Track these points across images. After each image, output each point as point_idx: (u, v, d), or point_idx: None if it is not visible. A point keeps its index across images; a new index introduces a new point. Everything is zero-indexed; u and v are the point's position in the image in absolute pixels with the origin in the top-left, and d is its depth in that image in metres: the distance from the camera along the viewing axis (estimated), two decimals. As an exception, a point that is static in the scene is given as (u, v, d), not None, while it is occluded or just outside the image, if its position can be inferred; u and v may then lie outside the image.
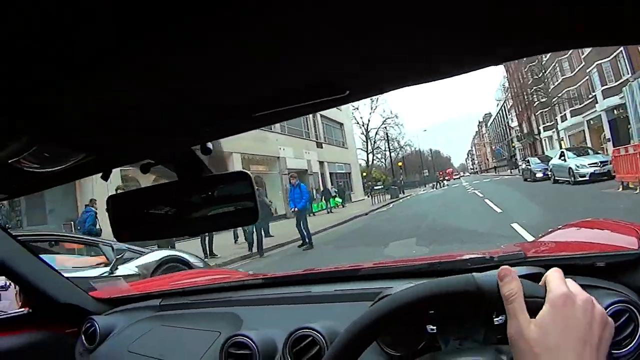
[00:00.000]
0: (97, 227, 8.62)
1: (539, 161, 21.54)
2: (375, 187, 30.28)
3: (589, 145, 24.38)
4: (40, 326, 1.47)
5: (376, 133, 53.10)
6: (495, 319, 0.75)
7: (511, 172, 40.47)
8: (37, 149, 0.52)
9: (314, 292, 1.22)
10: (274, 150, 23.35)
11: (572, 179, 14.54)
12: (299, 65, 0.46)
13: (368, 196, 31.09)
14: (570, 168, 14.86)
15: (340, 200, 26.41)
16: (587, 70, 27.92)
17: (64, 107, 0.48)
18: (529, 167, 21.70)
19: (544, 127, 40.24)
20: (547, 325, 0.52)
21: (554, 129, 36.06)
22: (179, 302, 1.46)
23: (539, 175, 19.38)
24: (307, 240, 10.35)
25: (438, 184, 43.15)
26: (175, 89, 0.48)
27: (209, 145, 0.70)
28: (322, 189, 27.22)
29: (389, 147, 47.03)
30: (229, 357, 1.10)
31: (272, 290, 1.33)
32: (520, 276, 0.60)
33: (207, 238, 10.36)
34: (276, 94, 0.52)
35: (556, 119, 35.02)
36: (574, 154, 16.01)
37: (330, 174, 30.98)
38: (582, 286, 0.62)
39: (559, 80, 33.60)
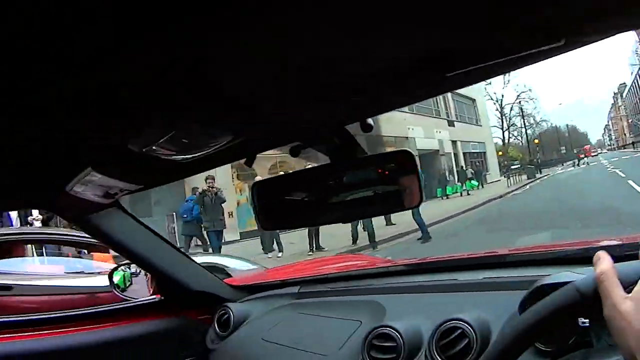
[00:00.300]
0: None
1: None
2: (512, 167, 28.76)
3: None
4: (172, 313, 1.49)
5: (511, 109, 50.10)
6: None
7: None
8: (174, 135, 0.50)
9: (460, 279, 1.15)
10: (402, 130, 22.05)
11: None
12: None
13: (504, 177, 29.80)
14: None
15: (476, 183, 24.92)
16: None
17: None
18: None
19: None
20: None
21: None
22: (317, 289, 1.44)
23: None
24: (423, 231, 9.18)
25: (578, 162, 39.58)
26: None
27: (370, 121, 0.65)
28: (456, 169, 26.67)
29: (524, 123, 44.37)
30: (371, 348, 1.05)
31: (415, 277, 1.28)
32: None
33: (313, 230, 8.97)
34: (475, 45, 0.45)
35: None
36: None
37: (464, 153, 29.65)
38: None
39: None
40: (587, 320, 0.74)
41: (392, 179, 0.72)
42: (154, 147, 0.54)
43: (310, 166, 0.76)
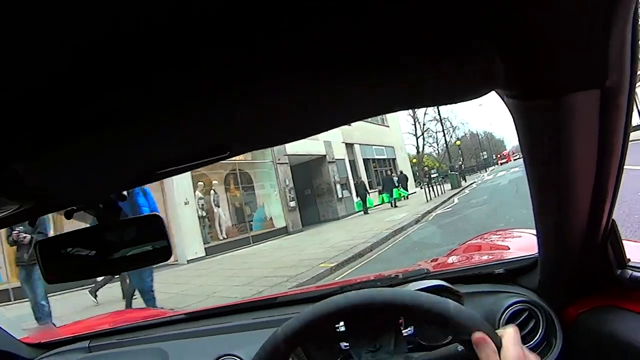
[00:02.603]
0: None
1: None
2: (432, 176, 21.69)
3: None
4: None
5: (425, 113, 44.21)
6: (403, 330, 0.86)
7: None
8: None
9: (233, 322, 1.30)
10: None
11: None
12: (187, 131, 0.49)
13: (420, 187, 23.70)
14: None
15: (405, 191, 21.08)
16: None
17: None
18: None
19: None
20: None
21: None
22: (107, 342, 1.50)
23: None
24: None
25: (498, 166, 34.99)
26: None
27: (125, 192, 0.81)
28: (354, 182, 19.84)
29: (442, 126, 38.11)
30: None
31: (195, 324, 1.39)
32: (423, 289, 0.81)
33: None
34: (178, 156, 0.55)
35: None
36: None
37: (365, 160, 22.53)
38: (484, 292, 1.01)
39: None
40: (347, 344, 0.90)
41: (147, 238, 0.81)
42: None
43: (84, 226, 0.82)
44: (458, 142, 39.59)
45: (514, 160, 52.12)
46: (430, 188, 18.72)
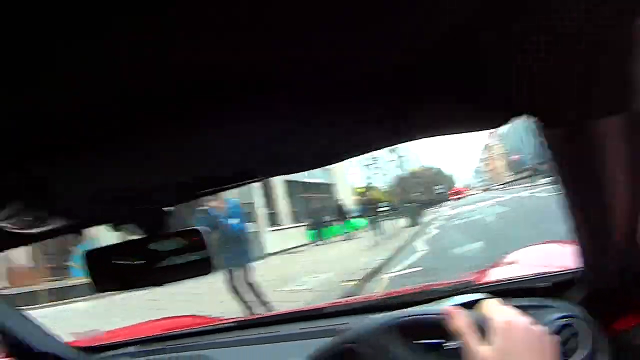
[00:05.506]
0: None
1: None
2: (380, 209, 15.17)
3: None
4: None
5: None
6: (444, 344, 0.81)
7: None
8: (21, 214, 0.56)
9: (281, 332, 1.30)
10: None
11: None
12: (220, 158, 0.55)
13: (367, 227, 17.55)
14: None
15: (365, 222, 15.82)
16: None
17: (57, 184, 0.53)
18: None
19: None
20: (501, 348, 0.60)
21: None
22: (153, 348, 1.51)
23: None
24: None
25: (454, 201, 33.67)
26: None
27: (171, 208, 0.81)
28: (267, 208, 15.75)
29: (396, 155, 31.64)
30: None
31: (242, 332, 1.40)
32: (465, 303, 0.77)
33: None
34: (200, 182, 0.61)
35: None
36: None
37: (289, 183, 17.31)
38: (527, 307, 0.87)
39: None
40: None
41: (191, 252, 0.82)
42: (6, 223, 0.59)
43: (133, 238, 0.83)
44: (415, 169, 34.38)
45: (466, 197, 47.49)
46: (376, 228, 13.45)
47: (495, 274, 1.41)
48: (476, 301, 0.78)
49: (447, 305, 0.79)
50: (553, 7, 0.33)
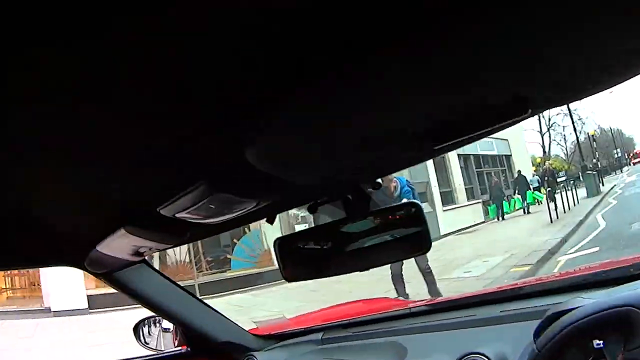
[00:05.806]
0: None
1: None
2: (559, 179, 16.59)
3: None
4: None
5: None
6: None
7: None
8: (206, 203, 0.57)
9: (478, 315, 1.19)
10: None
11: None
12: (484, 85, 0.48)
13: (538, 203, 16.85)
14: None
15: (541, 195, 15.96)
16: None
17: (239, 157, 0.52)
18: None
19: None
20: None
21: None
22: (340, 335, 1.46)
23: None
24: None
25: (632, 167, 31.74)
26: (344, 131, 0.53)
27: (379, 180, 0.76)
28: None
29: (572, 119, 29.18)
30: None
31: (434, 316, 1.32)
32: None
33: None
34: (459, 120, 0.53)
35: None
36: None
37: (465, 157, 16.23)
38: None
39: None
40: (601, 341, 0.81)
41: (403, 228, 0.79)
42: (185, 214, 0.61)
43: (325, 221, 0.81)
44: (592, 132, 32.67)
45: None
46: (554, 201, 12.55)
47: None
48: None
49: None
50: None
